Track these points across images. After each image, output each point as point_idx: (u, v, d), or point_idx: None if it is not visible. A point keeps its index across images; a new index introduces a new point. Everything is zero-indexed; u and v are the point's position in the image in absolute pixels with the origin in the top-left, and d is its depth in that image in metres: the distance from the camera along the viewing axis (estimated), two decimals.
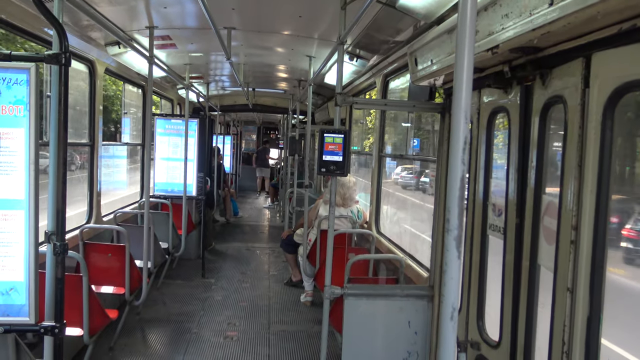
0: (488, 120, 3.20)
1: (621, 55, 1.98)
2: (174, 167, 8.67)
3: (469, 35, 1.48)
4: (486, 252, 3.29)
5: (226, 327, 6.54)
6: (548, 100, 2.50)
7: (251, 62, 8.01)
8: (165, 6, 4.82)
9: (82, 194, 6.61)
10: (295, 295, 7.80)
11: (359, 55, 6.04)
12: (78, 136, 6.68)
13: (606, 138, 2.06)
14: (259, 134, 25.25)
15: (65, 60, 2.75)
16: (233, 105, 13.26)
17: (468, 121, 1.52)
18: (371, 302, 4.07)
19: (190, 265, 9.08)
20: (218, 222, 13.36)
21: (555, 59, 2.41)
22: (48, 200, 2.82)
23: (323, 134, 3.89)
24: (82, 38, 5.44)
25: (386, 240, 6.24)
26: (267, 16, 5.24)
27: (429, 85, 4.07)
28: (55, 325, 2.84)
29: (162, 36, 5.90)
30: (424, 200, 11.35)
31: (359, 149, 11.36)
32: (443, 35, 3.26)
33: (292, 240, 7.86)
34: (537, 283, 2.65)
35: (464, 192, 1.55)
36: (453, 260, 1.52)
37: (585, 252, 2.14)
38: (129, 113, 10.20)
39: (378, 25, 4.67)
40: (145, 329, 6.38)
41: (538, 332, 2.66)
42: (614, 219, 3.12)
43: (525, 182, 2.72)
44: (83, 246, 5.59)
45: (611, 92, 2.02)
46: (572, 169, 2.22)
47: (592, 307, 2.11)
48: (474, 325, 3.35)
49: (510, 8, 2.32)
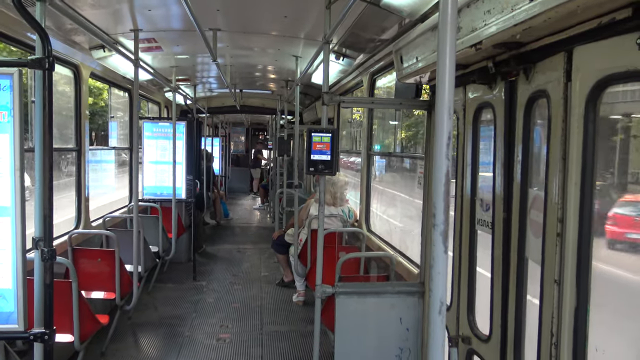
0: (474, 115, 3.22)
1: (602, 49, 2.00)
2: (163, 171, 8.63)
3: (450, 31, 1.50)
4: (475, 247, 3.32)
5: (219, 329, 6.52)
6: (532, 94, 2.53)
7: (238, 63, 8.00)
8: (149, 9, 4.80)
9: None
10: (288, 295, 7.80)
11: (345, 54, 6.05)
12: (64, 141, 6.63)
13: (589, 131, 2.09)
14: (248, 135, 25.17)
15: (49, 64, 2.73)
16: (221, 106, 13.22)
17: (452, 117, 1.53)
18: (362, 299, 4.08)
19: (181, 269, 9.05)
20: (208, 225, 13.31)
21: (538, 53, 2.43)
22: (34, 206, 2.80)
23: (311, 133, 3.89)
24: (66, 42, 5.40)
25: (376, 238, 6.26)
26: (252, 17, 5.23)
27: (415, 82, 4.09)
28: (45, 331, 2.82)
29: (147, 39, 5.87)
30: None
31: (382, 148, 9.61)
32: (427, 33, 3.28)
33: (283, 241, 7.86)
34: (525, 276, 2.67)
35: (450, 187, 1.56)
36: (440, 255, 1.53)
37: (571, 244, 2.16)
38: (116, 117, 10.14)
39: (363, 23, 4.68)
40: (137, 333, 6.35)
41: (527, 325, 2.68)
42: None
43: (512, 176, 2.74)
44: (72, 252, 5.55)
45: (593, 85, 2.05)
46: (557, 162, 2.24)
47: (579, 298, 2.14)
48: (464, 320, 3.38)
49: (492, 4, 2.34)
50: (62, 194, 8.49)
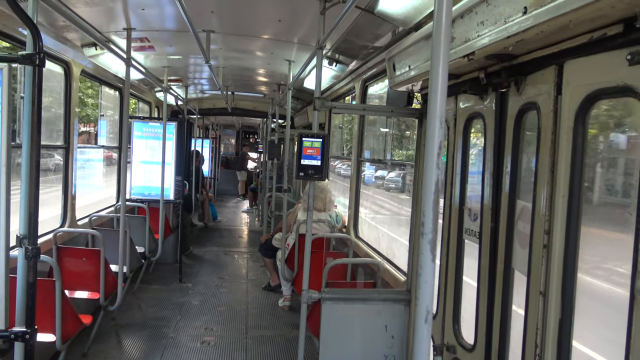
0: (464, 125, 3.24)
1: (592, 64, 2.02)
2: (151, 171, 8.58)
3: (443, 42, 1.51)
4: (462, 256, 3.33)
5: (203, 332, 6.48)
6: (522, 106, 2.55)
7: (230, 66, 7.98)
8: (143, 8, 4.78)
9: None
10: (274, 299, 7.76)
11: (338, 60, 6.07)
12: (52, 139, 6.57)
13: (577, 144, 2.11)
14: (238, 138, 25.13)
15: (39, 61, 2.70)
16: (212, 108, 13.18)
17: (443, 126, 1.54)
18: (348, 306, 4.07)
19: (167, 270, 8.98)
20: (196, 226, 13.24)
21: (529, 66, 2.45)
22: (20, 203, 2.76)
23: (301, 138, 3.89)
24: (57, 39, 5.36)
25: (364, 244, 6.26)
26: (246, 20, 5.23)
27: (407, 90, 4.11)
28: (26, 331, 2.78)
29: (140, 38, 5.84)
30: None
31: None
32: (420, 42, 3.29)
33: (271, 245, 7.83)
34: (511, 287, 2.68)
35: (439, 196, 1.56)
36: (427, 264, 1.53)
37: (557, 256, 2.18)
38: (106, 115, 10.06)
39: (357, 30, 4.69)
40: (120, 334, 6.28)
41: (512, 335, 2.69)
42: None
43: (500, 187, 2.76)
44: (57, 250, 5.49)
45: (582, 100, 2.07)
46: (545, 174, 2.26)
47: (563, 310, 2.15)
48: (449, 329, 3.38)
49: (485, 16, 2.36)
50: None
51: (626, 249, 1.80)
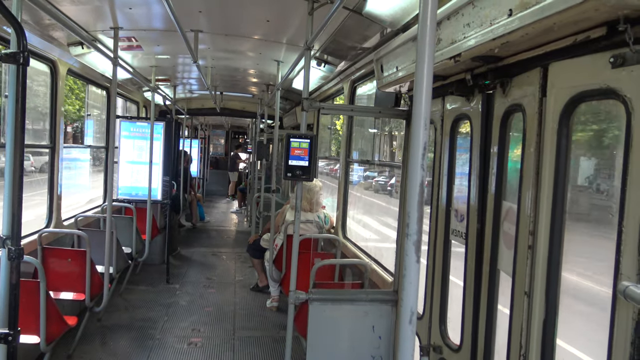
0: (451, 127, 3.26)
1: (576, 66, 2.04)
2: (139, 171, 8.52)
3: (428, 44, 1.51)
4: (449, 257, 3.34)
5: (190, 333, 6.44)
6: (508, 108, 2.57)
7: (219, 66, 7.95)
8: (130, 7, 4.74)
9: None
10: (262, 300, 7.75)
11: (327, 61, 6.07)
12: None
13: (562, 146, 2.12)
14: (227, 138, 25.05)
15: (24, 59, 2.67)
16: (200, 108, 13.12)
17: (428, 128, 1.54)
18: (336, 306, 4.07)
19: (155, 271, 8.93)
20: (184, 227, 13.18)
21: (514, 68, 2.47)
22: (3, 203, 2.73)
23: (289, 138, 3.88)
24: (43, 37, 5.30)
25: (352, 245, 6.26)
26: (234, 20, 5.21)
27: (395, 91, 4.12)
28: (9, 332, 2.75)
29: (127, 37, 5.80)
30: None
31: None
32: (408, 43, 3.30)
33: (259, 245, 7.81)
34: (497, 287, 2.70)
35: (424, 197, 1.56)
36: (412, 265, 1.53)
37: (542, 256, 2.19)
38: (92, 115, 9.98)
39: (345, 31, 4.70)
40: (106, 335, 6.22)
41: (498, 336, 2.71)
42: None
43: (487, 188, 2.77)
44: (42, 251, 5.43)
45: (567, 101, 2.09)
46: (530, 175, 2.28)
47: (547, 310, 2.17)
48: (436, 329, 3.39)
49: (471, 18, 2.37)
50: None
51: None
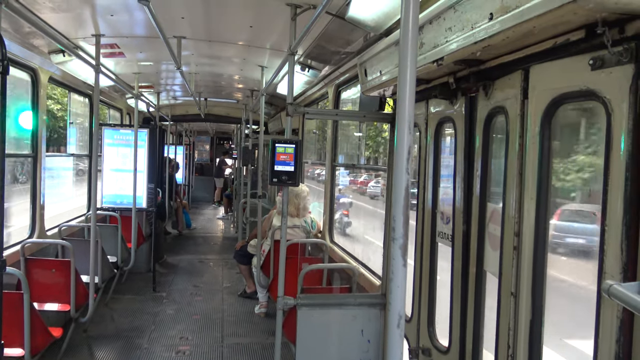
0: (435, 130, 3.28)
1: (557, 68, 2.07)
2: (123, 179, 8.44)
3: (410, 48, 1.52)
4: (436, 259, 3.36)
5: (178, 341, 6.39)
6: (491, 110, 2.59)
7: (203, 72, 7.91)
8: (112, 14, 4.70)
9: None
10: (250, 306, 7.71)
11: (311, 66, 6.07)
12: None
13: (544, 147, 2.15)
14: (212, 144, 24.95)
15: (3, 68, 2.64)
16: (185, 115, 13.06)
17: (412, 132, 1.55)
18: (324, 311, 4.06)
19: (141, 279, 8.84)
20: (170, 234, 13.08)
21: (496, 71, 2.49)
22: None
23: (274, 144, 3.87)
24: (24, 45, 5.23)
25: (339, 249, 6.26)
26: (217, 26, 5.19)
27: (379, 95, 4.14)
28: None
29: (109, 44, 5.75)
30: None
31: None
32: (391, 47, 3.32)
33: (246, 251, 7.78)
34: (484, 289, 2.72)
35: (409, 200, 1.57)
36: (399, 269, 1.53)
37: (527, 257, 2.21)
38: (75, 123, 9.87)
39: (329, 36, 4.71)
40: (92, 346, 6.15)
41: (486, 337, 2.72)
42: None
43: (471, 190, 2.79)
44: (25, 262, 5.35)
45: (548, 103, 2.11)
46: (514, 177, 2.30)
47: (534, 310, 2.18)
48: (424, 331, 3.40)
49: (453, 22, 2.40)
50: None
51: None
